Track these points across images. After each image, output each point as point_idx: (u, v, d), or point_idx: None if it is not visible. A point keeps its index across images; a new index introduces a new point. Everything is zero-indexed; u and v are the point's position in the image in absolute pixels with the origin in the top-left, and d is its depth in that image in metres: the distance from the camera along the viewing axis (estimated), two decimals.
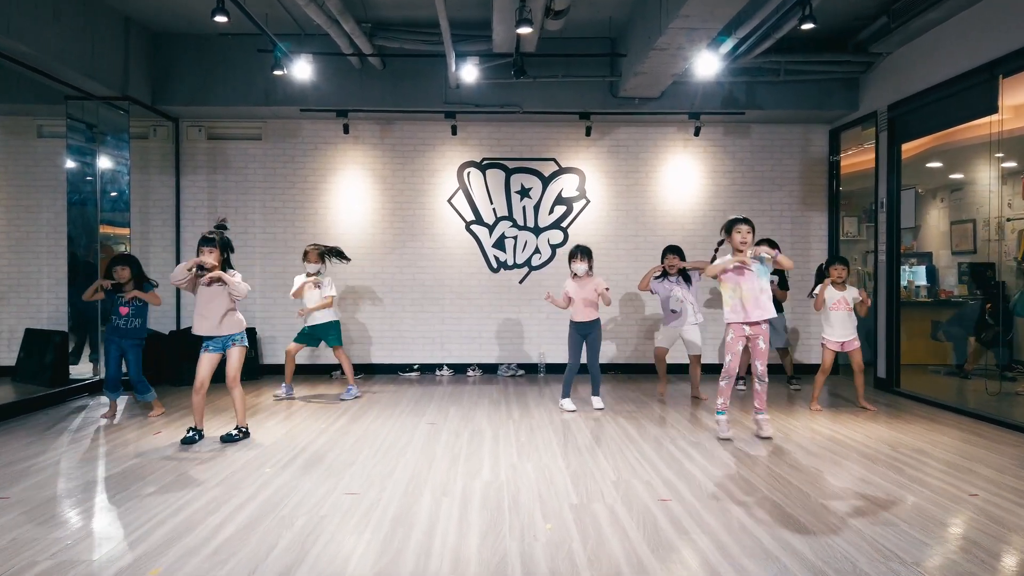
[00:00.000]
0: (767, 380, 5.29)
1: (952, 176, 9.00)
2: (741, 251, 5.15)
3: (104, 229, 7.43)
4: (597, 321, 6.31)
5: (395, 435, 5.36)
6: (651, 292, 6.87)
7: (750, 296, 5.14)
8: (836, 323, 6.27)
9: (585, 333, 6.28)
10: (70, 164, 7.31)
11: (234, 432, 5.13)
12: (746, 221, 5.18)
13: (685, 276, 6.76)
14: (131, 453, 4.80)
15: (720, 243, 5.45)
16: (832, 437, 5.32)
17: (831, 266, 6.35)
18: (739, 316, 5.17)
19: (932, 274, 9.26)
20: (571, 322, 6.34)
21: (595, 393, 6.41)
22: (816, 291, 6.37)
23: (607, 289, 6.31)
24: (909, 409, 6.49)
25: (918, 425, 5.77)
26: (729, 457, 4.72)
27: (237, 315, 5.13)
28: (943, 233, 9.18)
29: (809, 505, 3.72)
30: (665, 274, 6.76)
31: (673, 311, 6.70)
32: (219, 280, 4.98)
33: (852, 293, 6.29)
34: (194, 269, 4.92)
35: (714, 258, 5.45)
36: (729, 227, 5.23)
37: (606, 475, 4.27)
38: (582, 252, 6.25)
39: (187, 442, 5.03)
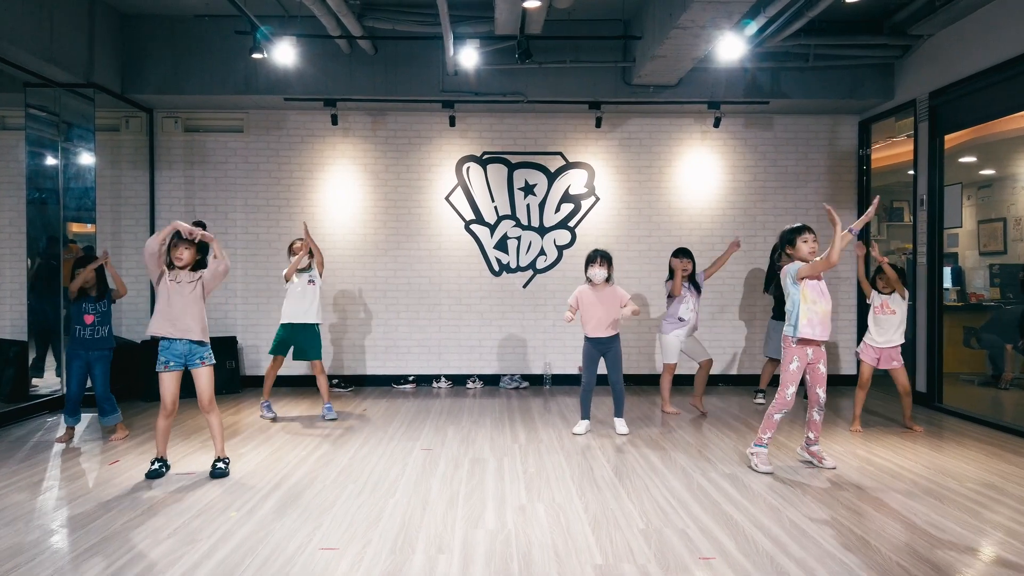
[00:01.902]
0: (824, 409, 4.62)
1: (983, 172, 8.38)
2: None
3: (69, 227, 6.77)
4: (616, 337, 5.59)
5: (385, 465, 4.69)
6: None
7: (825, 314, 4.46)
8: (882, 326, 5.62)
9: (603, 351, 5.56)
10: (30, 158, 6.63)
11: (221, 465, 4.45)
12: (809, 229, 4.53)
13: (694, 283, 6.31)
14: (78, 490, 4.14)
15: (777, 260, 4.72)
16: (883, 467, 4.66)
17: (878, 274, 5.69)
18: (815, 331, 4.43)
19: (958, 276, 8.65)
20: (586, 338, 5.61)
21: (618, 415, 5.64)
22: (870, 301, 5.74)
23: (631, 299, 5.56)
24: (957, 429, 5.84)
25: (975, 450, 5.11)
26: (770, 494, 4.06)
27: (203, 318, 4.47)
28: (970, 232, 8.56)
29: (883, 566, 3.06)
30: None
31: (681, 319, 6.21)
32: (194, 246, 4.41)
33: (900, 302, 5.64)
34: (167, 241, 4.32)
35: (771, 278, 4.73)
36: (792, 238, 4.54)
37: (632, 521, 3.61)
38: (602, 257, 5.50)
39: (153, 476, 4.36)
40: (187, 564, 3.06)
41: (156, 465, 4.43)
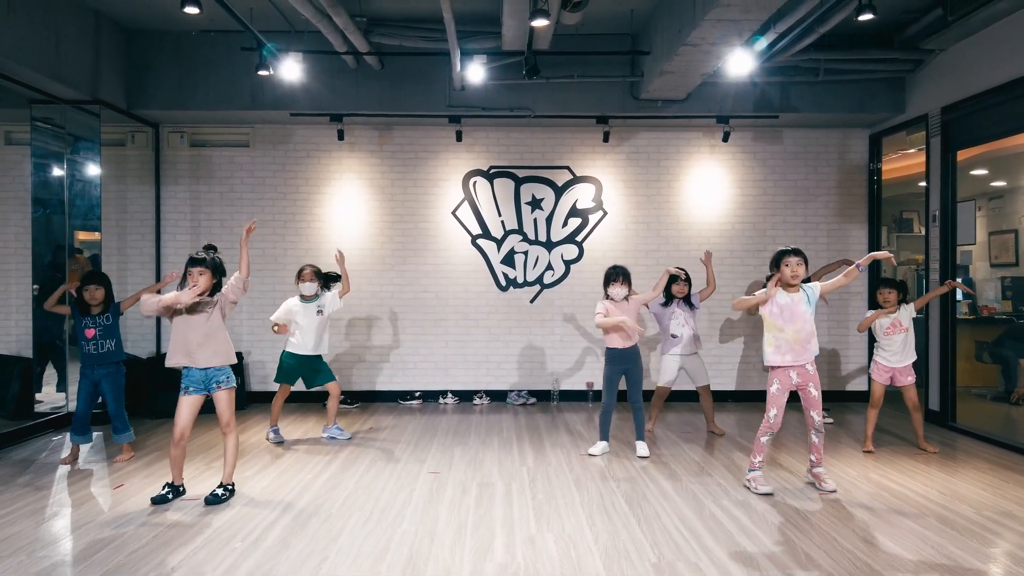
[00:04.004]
0: (824, 430, 4.59)
1: (994, 184, 8.29)
2: (794, 286, 4.50)
3: (76, 236, 6.79)
4: (638, 352, 5.54)
5: (392, 489, 4.63)
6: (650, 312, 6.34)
7: (798, 338, 4.47)
8: (893, 348, 5.56)
9: (625, 366, 5.48)
10: (35, 172, 6.61)
11: (220, 492, 4.37)
12: (796, 252, 4.51)
13: (687, 300, 6.25)
14: (82, 518, 4.08)
15: (768, 278, 4.75)
16: (898, 492, 4.58)
17: (878, 289, 5.64)
18: (784, 358, 4.47)
19: (968, 287, 8.55)
20: (607, 351, 5.53)
21: (640, 437, 5.54)
22: (869, 315, 5.69)
23: (650, 294, 5.68)
24: (973, 451, 5.74)
25: (990, 474, 5.02)
26: (784, 523, 3.98)
27: (226, 341, 4.40)
28: (980, 244, 8.47)
29: None
30: (669, 299, 6.20)
31: (673, 335, 6.16)
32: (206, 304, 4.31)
33: (907, 311, 5.59)
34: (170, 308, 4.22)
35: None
36: (777, 260, 4.56)
37: (644, 553, 3.54)
38: (623, 275, 5.47)
39: (159, 501, 4.29)
40: None
41: (164, 491, 4.37)
